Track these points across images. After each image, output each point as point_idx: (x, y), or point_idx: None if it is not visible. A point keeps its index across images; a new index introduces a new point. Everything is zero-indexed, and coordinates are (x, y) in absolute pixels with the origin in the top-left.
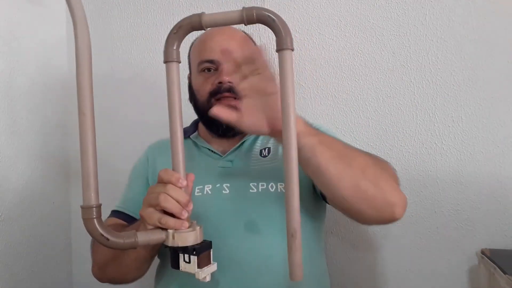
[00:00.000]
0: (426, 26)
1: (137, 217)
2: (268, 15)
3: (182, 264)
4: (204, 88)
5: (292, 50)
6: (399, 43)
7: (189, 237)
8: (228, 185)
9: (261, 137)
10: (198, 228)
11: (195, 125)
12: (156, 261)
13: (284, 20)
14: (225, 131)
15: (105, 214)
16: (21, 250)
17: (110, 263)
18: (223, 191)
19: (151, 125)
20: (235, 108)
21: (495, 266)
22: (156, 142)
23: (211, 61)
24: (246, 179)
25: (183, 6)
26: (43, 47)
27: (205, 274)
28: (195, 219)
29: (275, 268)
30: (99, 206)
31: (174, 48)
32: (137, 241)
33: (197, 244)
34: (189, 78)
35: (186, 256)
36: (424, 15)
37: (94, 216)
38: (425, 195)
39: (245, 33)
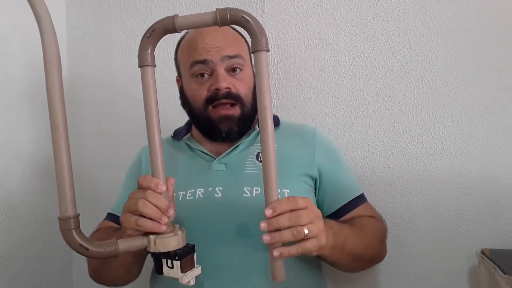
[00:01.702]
0: (426, 26)
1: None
2: (242, 16)
3: (165, 269)
4: (200, 95)
5: (268, 51)
6: (399, 43)
7: (171, 242)
8: (221, 188)
9: (257, 140)
10: (180, 232)
11: (188, 126)
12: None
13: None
14: (225, 138)
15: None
16: (21, 250)
17: (101, 268)
18: (216, 195)
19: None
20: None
21: (495, 266)
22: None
23: (203, 62)
24: (240, 183)
25: (183, 7)
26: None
27: (188, 278)
28: (186, 223)
29: (266, 273)
30: (76, 217)
31: (149, 52)
32: (118, 249)
33: (179, 249)
34: (179, 81)
35: (169, 261)
36: (424, 15)
37: (72, 227)
38: (425, 195)
39: (237, 31)
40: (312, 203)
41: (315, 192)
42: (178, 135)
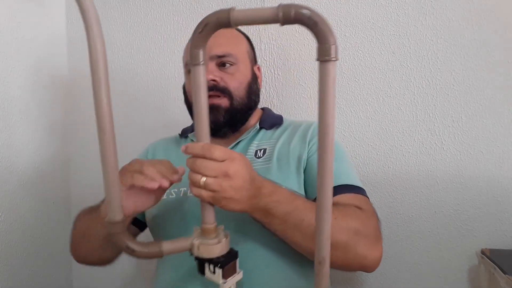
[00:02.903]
0: (426, 26)
1: None
2: (310, 16)
3: (207, 272)
4: (190, 89)
5: (336, 60)
6: (399, 43)
7: (215, 249)
8: None
9: (258, 138)
10: (224, 239)
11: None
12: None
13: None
14: (214, 129)
15: None
16: (21, 250)
17: (81, 240)
18: None
19: (150, 126)
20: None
21: (495, 266)
22: (157, 141)
23: None
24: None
25: (183, 6)
26: (42, 47)
27: (229, 285)
28: (186, 219)
29: (267, 270)
30: (123, 220)
31: (200, 49)
32: (162, 251)
33: (222, 256)
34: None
35: (211, 266)
36: (424, 15)
37: (120, 231)
38: (425, 195)
39: (239, 30)
40: (236, 160)
41: None
42: (185, 132)
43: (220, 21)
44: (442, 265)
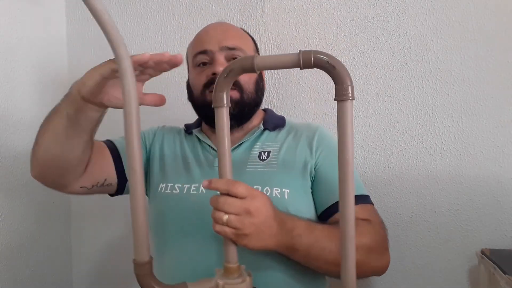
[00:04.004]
0: (426, 26)
1: (119, 150)
2: (328, 61)
3: None
4: (199, 81)
5: (353, 99)
6: (399, 43)
7: None
8: None
9: (261, 139)
10: (248, 278)
11: (199, 120)
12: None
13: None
14: None
15: None
16: (21, 250)
17: (43, 133)
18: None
19: (150, 126)
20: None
21: (495, 266)
22: (165, 126)
23: (204, 52)
24: (241, 181)
25: (182, 6)
26: (43, 47)
27: None
28: (190, 217)
29: (267, 267)
30: (150, 261)
31: (224, 92)
32: None
33: None
34: (188, 77)
35: None
36: (424, 15)
37: (148, 272)
38: (425, 195)
39: (243, 30)
40: (258, 198)
41: None
42: (188, 128)
43: (244, 67)
44: (442, 265)
